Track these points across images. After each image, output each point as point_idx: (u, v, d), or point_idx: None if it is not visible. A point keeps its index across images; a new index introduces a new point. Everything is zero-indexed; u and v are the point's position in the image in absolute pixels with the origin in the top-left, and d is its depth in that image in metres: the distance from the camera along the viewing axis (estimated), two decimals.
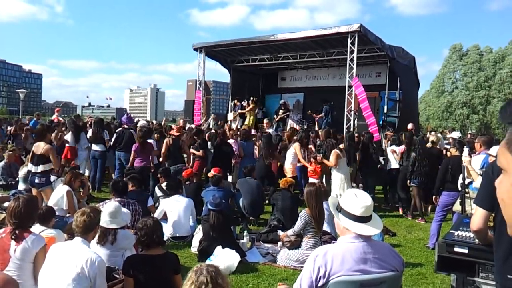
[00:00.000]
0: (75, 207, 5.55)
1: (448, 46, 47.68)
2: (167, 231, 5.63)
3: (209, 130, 12.04)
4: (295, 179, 8.08)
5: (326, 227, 5.47)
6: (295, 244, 5.12)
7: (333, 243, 2.57)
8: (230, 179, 8.97)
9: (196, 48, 16.10)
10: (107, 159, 9.20)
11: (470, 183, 4.68)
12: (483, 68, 41.85)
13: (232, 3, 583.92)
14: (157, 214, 5.87)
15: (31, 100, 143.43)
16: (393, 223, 7.37)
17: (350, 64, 12.47)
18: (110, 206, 4.00)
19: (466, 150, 5.19)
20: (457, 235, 2.58)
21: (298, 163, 8.54)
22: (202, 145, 8.74)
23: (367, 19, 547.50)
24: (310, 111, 14.74)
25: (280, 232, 5.82)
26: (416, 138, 8.45)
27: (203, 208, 6.37)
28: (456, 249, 2.49)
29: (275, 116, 15.09)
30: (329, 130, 8.99)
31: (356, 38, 12.15)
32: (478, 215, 2.24)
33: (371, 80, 15.47)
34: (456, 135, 12.07)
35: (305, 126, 13.32)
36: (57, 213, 5.02)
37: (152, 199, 6.64)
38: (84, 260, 2.85)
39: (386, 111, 13.64)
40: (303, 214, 5.01)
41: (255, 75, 18.75)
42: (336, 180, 7.56)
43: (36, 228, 3.93)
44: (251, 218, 7.01)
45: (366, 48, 13.39)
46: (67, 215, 5.62)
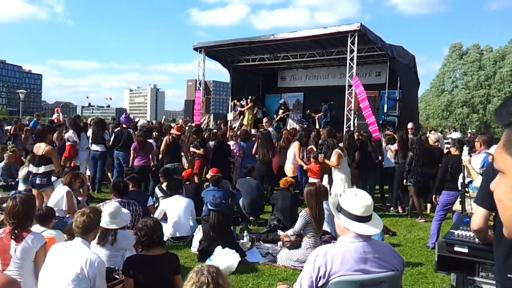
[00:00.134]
0: (75, 207, 5.55)
1: (448, 45, 47.76)
2: (167, 231, 5.63)
3: (209, 129, 12.05)
4: (296, 179, 8.08)
5: (326, 227, 5.47)
6: (295, 244, 5.12)
7: (333, 243, 2.57)
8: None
9: (196, 48, 16.09)
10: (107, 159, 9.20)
11: (470, 182, 4.68)
12: (483, 67, 41.83)
13: (232, 2, 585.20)
14: (157, 214, 5.87)
15: (31, 100, 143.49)
16: (393, 223, 7.37)
17: (350, 64, 12.46)
18: (110, 206, 4.00)
19: (466, 149, 5.19)
20: (457, 235, 2.58)
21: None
22: (202, 143, 8.74)
23: (367, 19, 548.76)
24: (309, 111, 14.74)
25: (280, 232, 5.81)
26: (414, 137, 8.48)
27: (203, 208, 6.38)
28: (456, 248, 2.49)
29: (275, 115, 15.07)
30: (331, 130, 8.98)
31: (356, 37, 12.15)
32: (479, 215, 2.24)
33: (371, 80, 15.44)
34: (455, 135, 12.09)
35: (305, 125, 13.31)
36: (57, 214, 5.02)
37: (152, 199, 6.66)
38: (84, 261, 2.85)
39: (386, 110, 13.63)
40: (303, 214, 5.00)
41: (255, 75, 18.73)
42: (337, 180, 7.54)
43: (36, 228, 3.93)
44: (251, 218, 7.01)
45: (366, 48, 13.37)
46: (66, 216, 5.61)
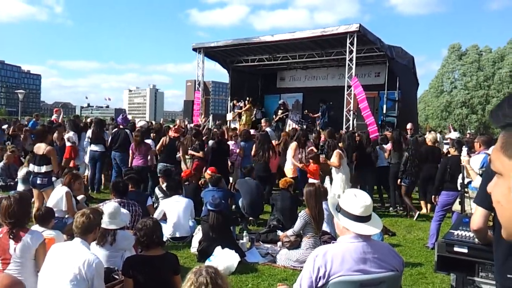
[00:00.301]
0: (74, 208, 5.54)
1: (447, 46, 47.73)
2: (167, 231, 5.62)
3: (208, 130, 12.04)
4: (296, 179, 8.08)
5: (325, 227, 5.47)
6: (294, 244, 5.12)
7: (332, 243, 2.57)
8: (230, 179, 8.96)
9: (195, 49, 16.11)
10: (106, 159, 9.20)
11: (470, 182, 4.68)
12: (482, 67, 41.90)
13: (231, 3, 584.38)
14: (156, 215, 5.86)
15: (30, 101, 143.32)
16: (392, 223, 7.37)
17: (349, 64, 12.49)
18: (109, 206, 4.00)
19: (465, 149, 5.19)
20: (456, 235, 2.58)
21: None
22: (202, 146, 8.76)
23: (367, 19, 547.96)
24: (306, 111, 14.77)
25: (279, 232, 5.81)
26: (410, 138, 8.55)
27: (203, 209, 6.37)
28: (455, 248, 2.49)
29: (274, 116, 15.09)
30: (331, 130, 8.98)
31: (355, 38, 12.18)
32: (478, 215, 2.24)
33: (370, 80, 15.48)
34: (454, 135, 12.09)
35: (304, 126, 13.33)
36: (56, 214, 5.01)
37: (152, 199, 6.65)
38: (82, 262, 2.84)
39: (385, 111, 13.66)
40: (303, 214, 5.00)
41: (254, 75, 18.74)
42: (337, 180, 7.56)
43: (36, 229, 3.92)
44: (250, 218, 7.00)
45: (365, 48, 13.41)
46: (66, 216, 5.61)
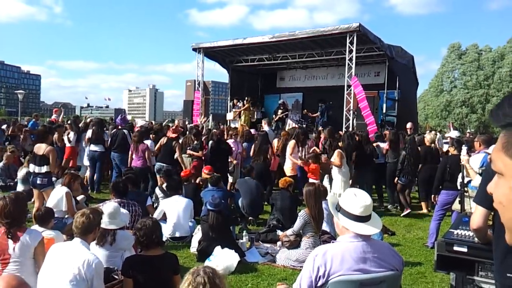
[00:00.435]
0: (74, 208, 5.54)
1: (446, 45, 47.78)
2: (166, 231, 5.63)
3: (208, 130, 12.04)
4: (295, 178, 8.08)
5: (325, 226, 5.47)
6: (294, 244, 5.12)
7: (332, 242, 2.57)
8: (231, 179, 8.96)
9: (195, 49, 16.09)
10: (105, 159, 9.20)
11: (469, 182, 4.67)
12: (482, 67, 41.89)
13: (230, 3, 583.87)
14: (156, 215, 5.86)
15: (30, 101, 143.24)
16: (392, 222, 7.37)
17: (349, 64, 12.48)
18: (109, 207, 3.99)
19: (464, 149, 5.19)
20: (456, 234, 2.58)
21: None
22: (201, 146, 8.76)
23: (367, 19, 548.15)
24: (305, 111, 14.77)
25: (279, 232, 5.81)
26: (408, 137, 8.60)
27: (202, 208, 6.37)
28: (455, 248, 2.49)
29: (274, 116, 15.09)
30: (331, 130, 8.99)
31: (355, 37, 12.16)
32: (478, 214, 2.24)
33: (369, 80, 15.47)
34: (454, 134, 12.07)
35: (304, 125, 13.33)
36: (56, 214, 5.01)
37: (152, 199, 6.66)
38: (81, 262, 2.84)
39: (385, 110, 13.66)
40: (302, 214, 5.00)
41: (254, 75, 18.73)
42: (337, 180, 7.59)
43: (35, 229, 3.91)
44: (250, 218, 7.00)
45: (365, 48, 13.40)
46: (65, 216, 5.61)
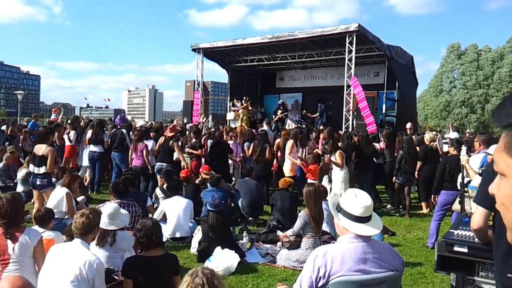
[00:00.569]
0: (75, 209, 5.54)
1: (446, 45, 47.87)
2: (167, 232, 5.62)
3: (207, 129, 12.04)
4: (295, 179, 8.09)
5: (325, 227, 5.47)
6: (294, 245, 5.12)
7: (332, 243, 2.57)
8: (234, 178, 8.95)
9: (194, 49, 16.10)
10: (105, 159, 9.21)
11: (469, 182, 4.67)
12: (481, 67, 41.91)
13: (230, 3, 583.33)
14: (156, 215, 5.86)
15: (29, 101, 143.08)
16: (392, 223, 7.37)
17: (348, 64, 12.49)
18: (109, 207, 3.99)
19: (464, 149, 5.19)
20: (456, 234, 2.58)
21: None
22: (200, 145, 8.77)
23: (366, 19, 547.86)
24: (304, 111, 14.77)
25: (279, 233, 5.81)
26: (405, 137, 8.67)
27: (202, 209, 6.37)
28: (455, 248, 2.49)
29: (273, 116, 15.09)
30: (331, 130, 8.99)
31: (354, 37, 12.17)
32: (478, 214, 2.24)
33: (369, 80, 15.48)
34: (453, 135, 12.08)
35: (303, 126, 13.33)
36: (56, 215, 5.01)
37: (151, 199, 6.66)
38: (83, 262, 2.84)
39: (384, 110, 13.66)
40: (302, 214, 5.00)
41: (254, 75, 18.74)
42: (337, 180, 7.61)
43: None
44: (250, 218, 7.00)
45: (364, 48, 13.41)
46: (65, 217, 5.60)
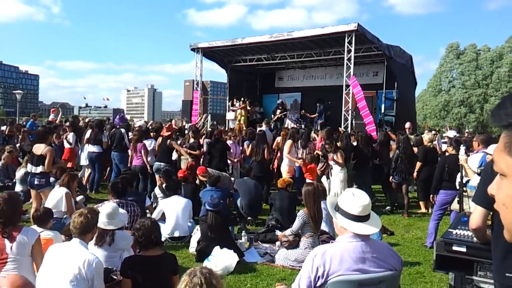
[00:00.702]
0: (73, 209, 5.53)
1: (445, 45, 47.99)
2: (165, 231, 5.63)
3: (207, 130, 12.03)
4: (294, 178, 8.09)
5: (324, 226, 5.47)
6: (293, 244, 5.12)
7: (331, 242, 2.57)
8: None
9: (193, 49, 16.07)
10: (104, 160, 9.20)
11: (468, 181, 4.68)
12: (480, 66, 41.97)
13: (229, 3, 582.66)
14: (155, 215, 5.87)
15: (28, 101, 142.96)
16: (390, 222, 7.37)
17: (347, 64, 12.49)
18: (107, 207, 3.99)
19: (462, 148, 5.19)
20: (455, 234, 2.58)
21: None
22: (199, 145, 8.76)
23: (365, 19, 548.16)
24: (303, 111, 14.77)
25: (278, 232, 5.81)
26: (401, 137, 8.70)
27: (201, 209, 6.37)
28: (454, 247, 2.49)
29: (272, 116, 15.08)
30: (330, 130, 8.99)
31: (354, 37, 12.17)
32: (477, 213, 2.24)
33: (368, 79, 15.48)
34: (452, 134, 12.10)
35: (302, 125, 13.33)
36: (55, 215, 5.00)
37: (150, 199, 6.66)
38: (82, 262, 2.84)
39: (383, 110, 13.68)
40: (301, 214, 5.00)
41: (253, 75, 18.72)
42: (336, 180, 7.62)
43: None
44: (249, 218, 7.00)
45: (363, 47, 13.40)
46: (64, 217, 5.60)
